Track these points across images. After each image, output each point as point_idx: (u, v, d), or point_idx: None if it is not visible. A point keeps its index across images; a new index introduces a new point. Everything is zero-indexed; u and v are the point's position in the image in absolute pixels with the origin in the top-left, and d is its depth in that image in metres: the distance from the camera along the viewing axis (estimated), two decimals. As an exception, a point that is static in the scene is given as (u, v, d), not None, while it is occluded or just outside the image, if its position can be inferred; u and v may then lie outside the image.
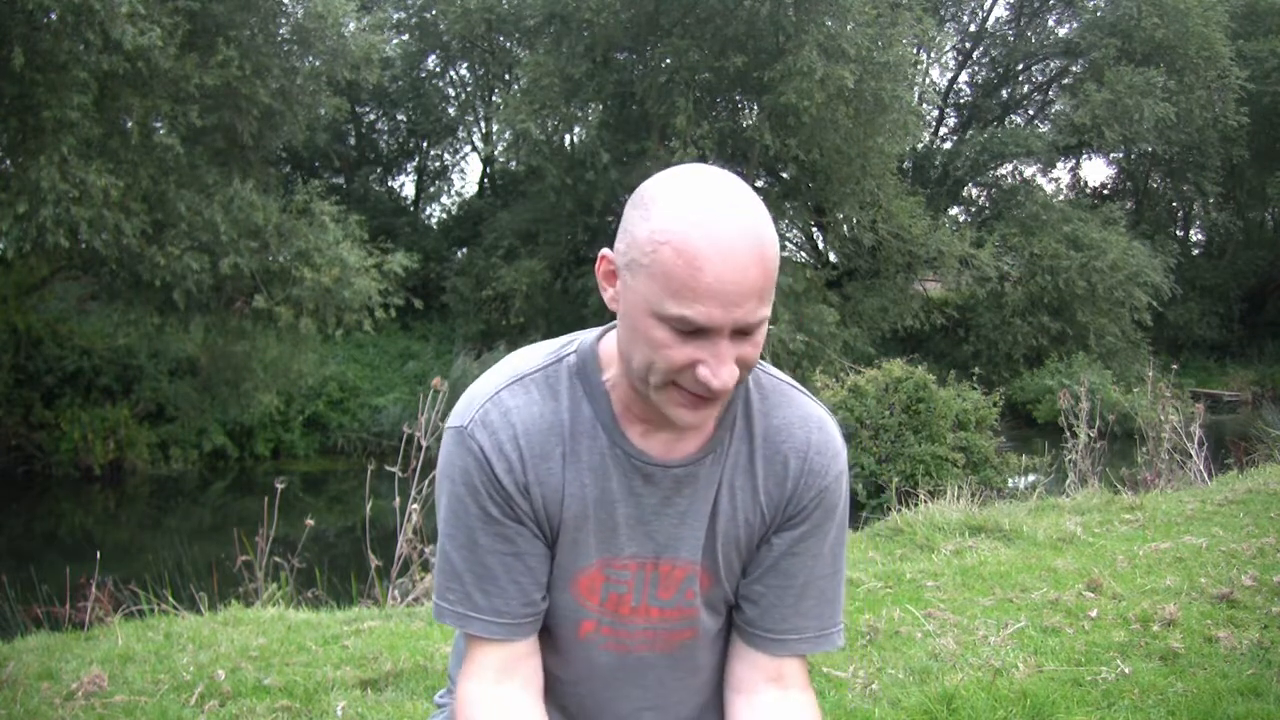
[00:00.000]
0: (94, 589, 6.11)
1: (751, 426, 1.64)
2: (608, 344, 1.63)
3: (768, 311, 1.46)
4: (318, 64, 17.40)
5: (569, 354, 1.63)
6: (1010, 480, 12.15)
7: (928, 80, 31.46)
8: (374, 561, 6.61)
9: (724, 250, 1.39)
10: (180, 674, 4.43)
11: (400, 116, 29.58)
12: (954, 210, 32.10)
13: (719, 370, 1.43)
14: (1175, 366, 14.70)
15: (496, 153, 28.96)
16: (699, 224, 1.39)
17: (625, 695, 1.72)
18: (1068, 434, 9.99)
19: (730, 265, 1.39)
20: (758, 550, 1.66)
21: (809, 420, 1.66)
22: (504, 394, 1.59)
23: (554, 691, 1.73)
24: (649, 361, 1.46)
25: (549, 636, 1.68)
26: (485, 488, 1.56)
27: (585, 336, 1.66)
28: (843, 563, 1.71)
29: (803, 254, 29.94)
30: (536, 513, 1.58)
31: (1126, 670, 4.08)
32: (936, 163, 31.06)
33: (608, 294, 1.54)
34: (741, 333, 1.44)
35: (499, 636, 1.59)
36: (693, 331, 1.42)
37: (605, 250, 1.55)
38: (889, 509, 8.63)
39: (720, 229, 1.39)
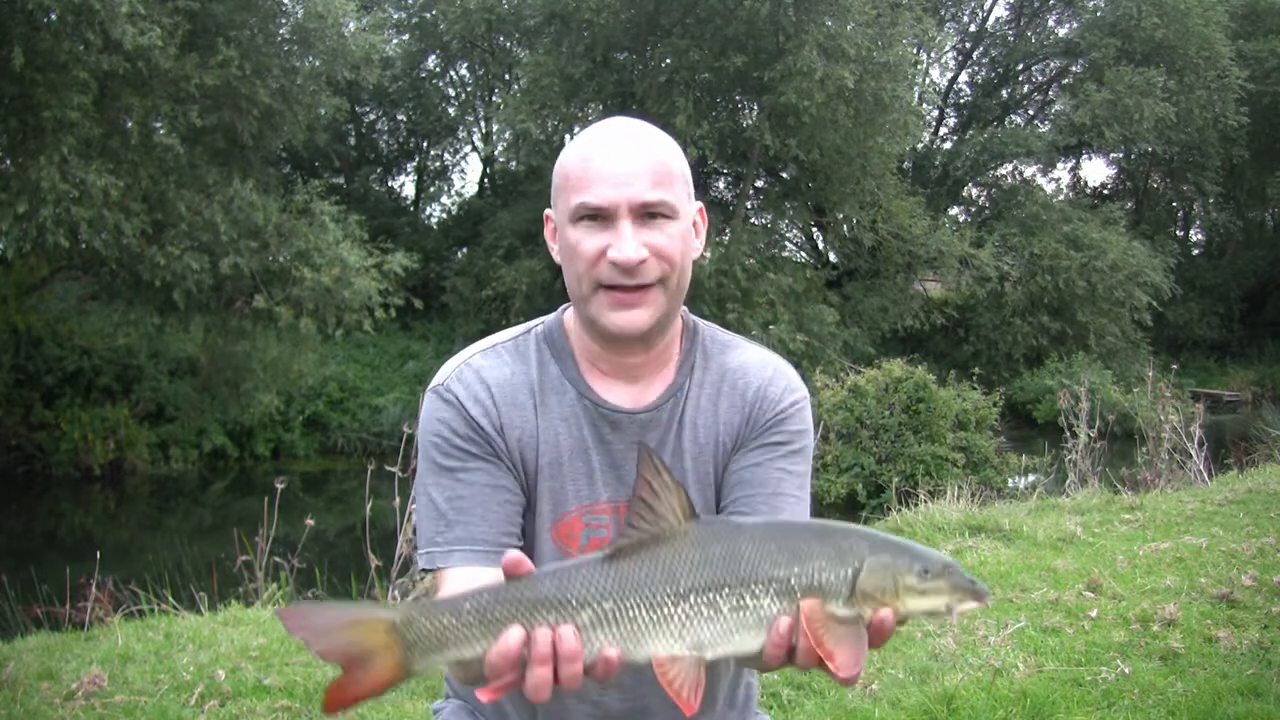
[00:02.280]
0: (94, 589, 6.10)
1: (710, 371, 1.78)
2: (571, 315, 1.79)
3: (670, 198, 1.64)
4: (318, 64, 17.39)
5: (537, 326, 1.81)
6: (1010, 480, 12.15)
7: (928, 80, 31.50)
8: (374, 561, 6.60)
9: (609, 143, 1.65)
10: (180, 674, 4.43)
11: (400, 116, 29.58)
12: (954, 210, 32.12)
13: (622, 246, 1.61)
14: (1175, 366, 14.68)
15: (496, 153, 28.95)
16: (590, 136, 1.69)
17: None
18: (1068, 434, 9.98)
19: (616, 151, 1.63)
20: (727, 478, 1.76)
21: (766, 362, 1.80)
22: (475, 359, 1.76)
23: None
24: (576, 273, 1.65)
25: None
26: (463, 429, 1.69)
27: (553, 312, 1.83)
28: (808, 497, 1.79)
29: (803, 254, 29.97)
30: (511, 453, 1.70)
31: (1126, 670, 4.08)
32: (936, 163, 31.06)
33: (554, 250, 1.74)
34: (645, 216, 1.62)
35: (479, 564, 1.65)
36: (596, 218, 1.62)
37: (547, 210, 1.76)
38: (889, 509, 8.63)
39: (606, 133, 1.67)
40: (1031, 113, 34.04)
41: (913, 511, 7.55)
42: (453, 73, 29.52)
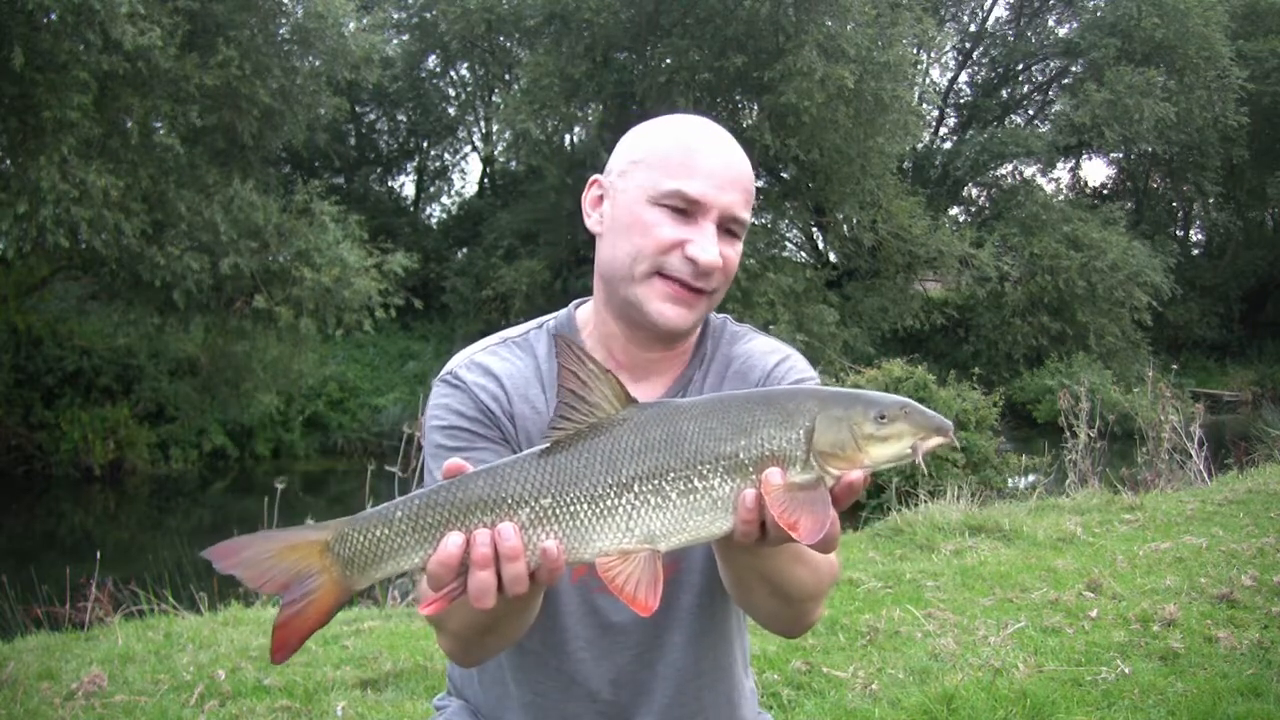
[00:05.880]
0: (94, 589, 6.11)
1: (717, 361, 1.78)
2: (584, 311, 1.80)
3: (747, 220, 1.66)
4: (318, 64, 17.40)
5: (548, 321, 1.81)
6: (1010, 480, 12.12)
7: (928, 80, 31.50)
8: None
9: (714, 141, 1.65)
10: (180, 674, 4.43)
11: (400, 116, 29.58)
12: (954, 210, 32.11)
13: (707, 247, 1.60)
14: (1175, 366, 14.69)
15: (496, 153, 28.95)
16: (690, 125, 1.67)
17: (608, 661, 1.73)
18: (1068, 434, 9.98)
19: (721, 151, 1.64)
20: None
21: (773, 349, 1.79)
22: (481, 355, 1.76)
23: (533, 673, 1.75)
24: (637, 250, 1.62)
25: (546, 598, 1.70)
26: (471, 411, 1.68)
27: (564, 309, 1.83)
28: None
29: (803, 254, 29.95)
30: (520, 442, 1.68)
31: (1126, 670, 4.08)
32: (936, 163, 31.05)
33: (592, 219, 1.71)
34: (727, 231, 1.63)
35: None
36: (684, 211, 1.61)
37: (596, 176, 1.73)
38: (889, 509, 8.62)
39: (709, 129, 1.67)
40: (1031, 113, 34.05)
41: (913, 511, 7.54)
42: (453, 73, 29.54)
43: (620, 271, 1.64)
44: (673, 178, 1.60)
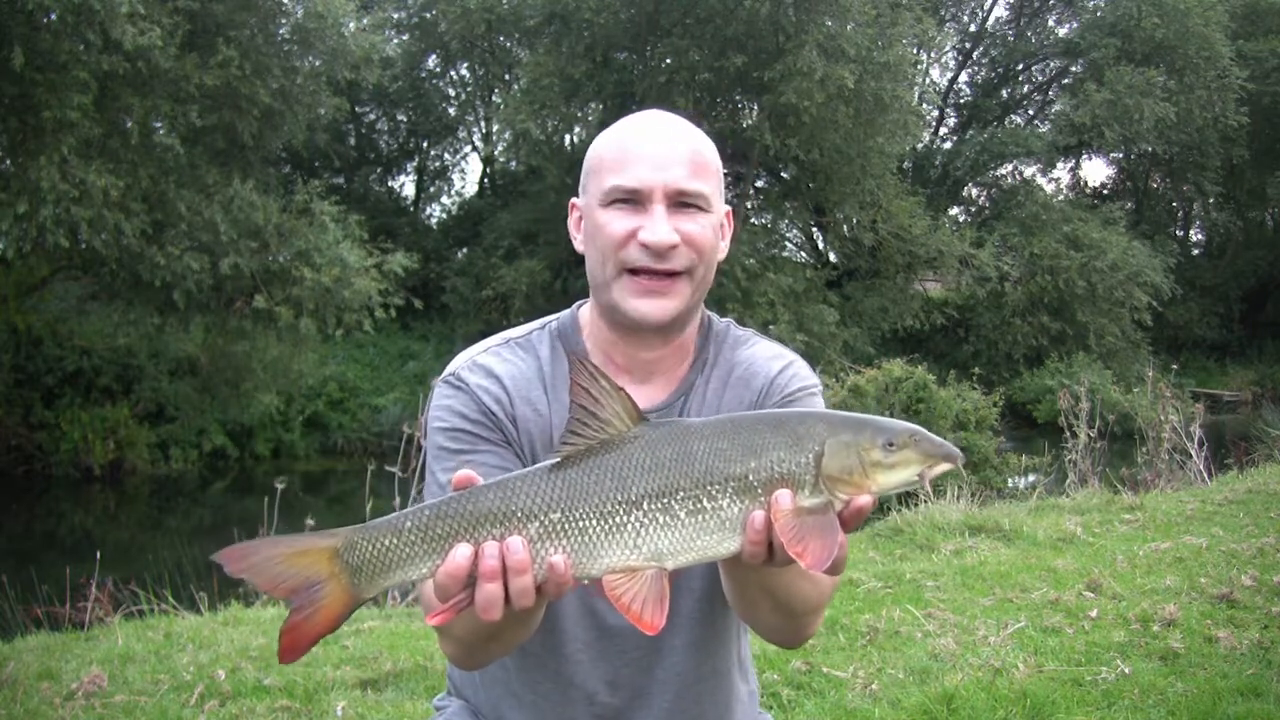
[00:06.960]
0: (94, 589, 6.10)
1: (719, 367, 1.77)
2: (585, 311, 1.79)
3: (706, 189, 1.63)
4: (318, 64, 17.41)
5: (551, 322, 1.81)
6: (1010, 480, 12.12)
7: (928, 80, 31.51)
8: (374, 561, 6.58)
9: (648, 128, 1.66)
10: (180, 674, 4.43)
11: (400, 116, 29.58)
12: (954, 210, 32.12)
13: (655, 227, 1.60)
14: (1175, 366, 14.69)
15: (496, 153, 28.95)
16: (627, 122, 1.69)
17: (606, 663, 1.73)
18: (1068, 434, 9.97)
19: (653, 136, 1.64)
20: None
21: (776, 355, 1.78)
22: (483, 355, 1.75)
23: (533, 674, 1.75)
24: (602, 254, 1.64)
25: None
26: (474, 413, 1.68)
27: (567, 310, 1.83)
28: None
29: (803, 254, 29.96)
30: (522, 444, 1.69)
31: (1126, 670, 4.08)
32: (936, 163, 31.06)
33: (577, 240, 1.73)
34: (679, 204, 1.62)
35: None
36: (629, 201, 1.61)
37: (573, 199, 1.75)
38: (889, 509, 8.62)
39: (644, 120, 1.68)
40: (1031, 113, 34.05)
41: (913, 511, 7.54)
42: (453, 73, 29.53)
43: (596, 281, 1.67)
44: (610, 174, 1.63)
